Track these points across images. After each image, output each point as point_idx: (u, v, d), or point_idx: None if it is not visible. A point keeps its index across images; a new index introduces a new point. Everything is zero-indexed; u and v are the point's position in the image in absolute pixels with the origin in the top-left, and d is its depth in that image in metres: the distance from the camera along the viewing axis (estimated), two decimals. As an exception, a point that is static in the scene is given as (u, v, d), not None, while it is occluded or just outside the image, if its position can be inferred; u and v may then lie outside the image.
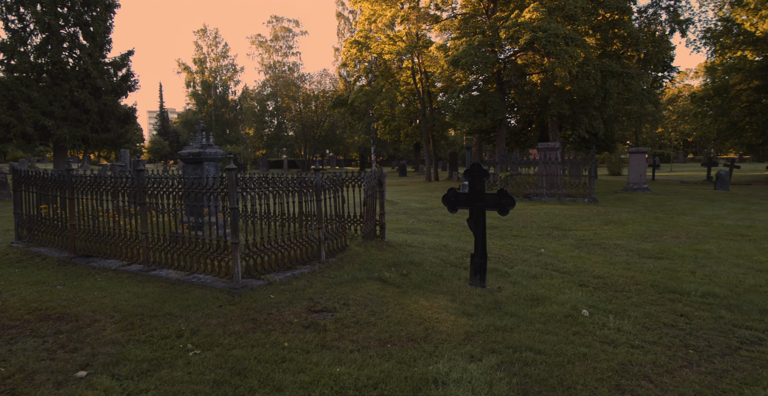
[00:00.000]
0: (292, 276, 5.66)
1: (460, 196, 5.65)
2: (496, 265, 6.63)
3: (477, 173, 5.49)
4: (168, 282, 5.46)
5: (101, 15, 26.02)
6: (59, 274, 6.00)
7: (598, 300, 5.22)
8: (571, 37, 16.64)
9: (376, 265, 6.29)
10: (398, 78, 28.64)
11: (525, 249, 8.19)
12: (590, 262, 7.19)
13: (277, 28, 57.75)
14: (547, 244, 8.65)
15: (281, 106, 56.55)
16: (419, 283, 5.59)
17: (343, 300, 4.91)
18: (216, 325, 4.15)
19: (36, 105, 23.05)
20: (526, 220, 11.59)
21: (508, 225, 10.85)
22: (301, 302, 4.77)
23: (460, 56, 17.46)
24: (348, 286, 5.39)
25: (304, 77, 57.50)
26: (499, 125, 21.92)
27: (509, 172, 16.05)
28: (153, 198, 5.75)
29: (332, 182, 6.87)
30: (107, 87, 24.83)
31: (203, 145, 7.52)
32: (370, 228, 7.57)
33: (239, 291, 4.96)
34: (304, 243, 6.17)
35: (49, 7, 24.20)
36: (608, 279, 6.17)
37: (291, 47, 58.74)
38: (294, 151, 59.05)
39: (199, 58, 60.05)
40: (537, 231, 10.15)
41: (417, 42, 24.58)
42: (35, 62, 23.94)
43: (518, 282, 5.86)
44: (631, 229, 10.26)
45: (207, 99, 61.13)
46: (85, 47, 24.95)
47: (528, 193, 15.84)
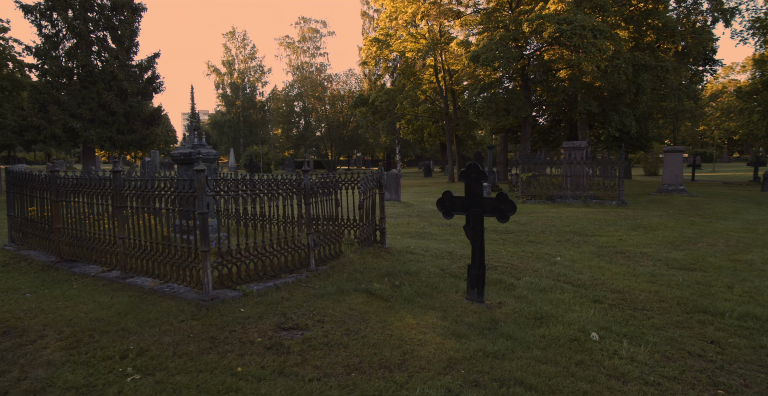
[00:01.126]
0: (273, 286, 5.23)
1: (456, 201, 5.08)
2: (502, 276, 6.02)
3: (474, 175, 4.91)
4: (141, 291, 5.12)
5: (128, 18, 26.51)
6: (37, 280, 5.77)
7: (613, 320, 4.55)
8: (599, 29, 15.65)
9: (367, 275, 5.78)
10: (421, 76, 28.00)
11: (539, 257, 7.51)
12: (610, 274, 6.46)
13: (304, 29, 58.05)
14: (565, 252, 7.93)
15: (308, 107, 56.77)
16: (410, 297, 5.05)
17: (320, 316, 4.43)
18: (169, 343, 3.75)
19: (65, 107, 23.65)
20: (546, 224, 10.83)
21: (525, 229, 10.14)
22: (272, 318, 4.32)
23: (480, 52, 16.72)
24: (329, 299, 4.90)
25: (331, 78, 57.66)
26: (523, 124, 21.00)
27: (531, 172, 15.22)
28: (130, 200, 5.43)
29: (324, 184, 6.41)
30: (133, 89, 25.26)
31: (195, 145, 7.20)
32: (368, 233, 7.07)
33: (208, 304, 4.55)
34: (290, 250, 5.73)
35: (79, 12, 24.83)
36: (628, 294, 5.46)
37: (318, 48, 58.97)
38: (320, 151, 59.11)
39: (228, 60, 61.00)
40: (556, 236, 9.41)
41: (439, 39, 23.90)
42: (65, 66, 24.56)
43: (523, 296, 5.24)
44: (662, 236, 9.38)
45: (235, 100, 62.04)
46: (112, 50, 25.48)
47: (552, 195, 14.98)
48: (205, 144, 7.32)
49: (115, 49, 25.56)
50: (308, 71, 58.27)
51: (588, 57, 15.87)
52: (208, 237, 4.60)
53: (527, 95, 20.96)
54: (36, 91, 23.50)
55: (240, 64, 62.20)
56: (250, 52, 62.66)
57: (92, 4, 25.03)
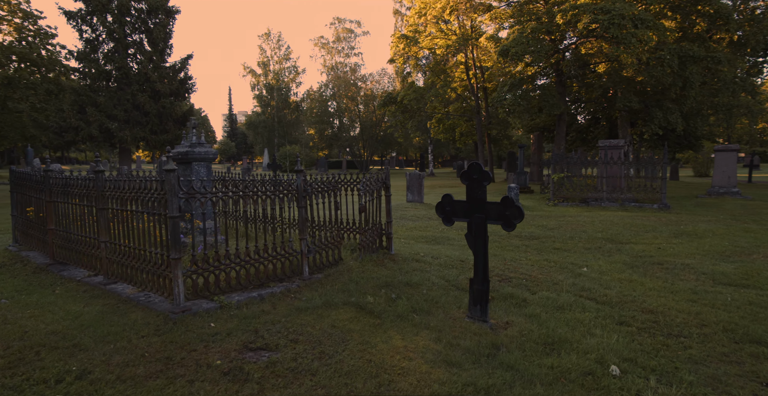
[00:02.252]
0: (257, 297, 4.79)
1: (456, 205, 4.47)
2: (515, 290, 5.35)
3: (476, 176, 4.29)
4: (118, 299, 4.79)
5: (163, 21, 27.10)
6: (24, 283, 5.57)
7: (640, 349, 3.84)
8: (641, 18, 14.47)
9: (363, 286, 5.26)
10: (451, 74, 27.19)
11: (563, 267, 6.75)
12: (642, 289, 5.67)
13: (339, 29, 58.14)
14: (593, 262, 7.12)
15: (341, 107, 56.84)
16: (404, 313, 4.49)
17: (296, 334, 3.94)
18: (117, 364, 3.34)
19: (102, 109, 24.40)
20: (576, 229, 9.97)
21: (551, 235, 9.33)
22: (241, 335, 3.86)
23: (510, 45, 15.83)
24: (313, 314, 4.41)
25: (365, 77, 57.54)
26: (558, 122, 19.87)
27: (564, 173, 14.24)
28: (111, 202, 5.13)
29: (321, 186, 5.92)
30: (165, 90, 25.79)
31: (192, 144, 6.88)
32: (371, 238, 6.54)
33: (177, 316, 4.15)
34: (280, 256, 5.27)
35: (116, 17, 25.56)
36: (662, 315, 4.69)
37: (353, 48, 58.94)
38: (354, 151, 59.03)
39: (263, 61, 61.89)
40: (585, 243, 8.57)
41: (470, 34, 23.06)
42: (103, 69, 25.34)
43: (535, 315, 4.57)
44: (709, 244, 8.37)
45: (270, 101, 62.92)
46: (147, 53, 26.11)
47: (586, 198, 13.96)
48: (204, 143, 6.99)
49: (150, 52, 26.19)
50: (342, 71, 58.31)
51: (627, 49, 14.71)
52: (179, 243, 4.20)
53: (562, 91, 19.81)
54: (75, 94, 24.37)
55: (275, 65, 63.00)
56: (285, 53, 63.41)
57: (129, 8, 25.72)
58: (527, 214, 12.14)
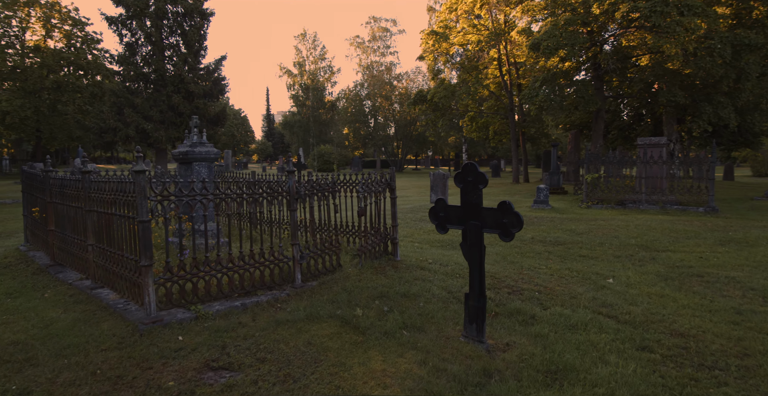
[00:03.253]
0: (239, 307, 4.49)
1: (450, 211, 4.00)
2: (525, 304, 4.80)
3: (471, 178, 3.80)
4: (98, 306, 4.61)
5: (198, 24, 27.63)
6: (18, 285, 5.51)
7: (661, 384, 3.25)
8: (688, 5, 13.31)
9: (356, 296, 4.86)
10: (483, 70, 26.31)
11: (585, 277, 6.11)
12: (674, 306, 4.98)
13: (374, 28, 58.01)
14: (621, 272, 6.43)
15: (376, 106, 56.68)
16: (392, 330, 4.05)
17: (266, 351, 3.58)
18: (62, 384, 3.09)
19: (139, 110, 25.14)
20: (608, 234, 9.18)
21: (579, 241, 8.61)
22: (206, 351, 3.54)
23: (541, 39, 14.97)
24: (292, 329, 4.04)
25: (401, 76, 57.18)
26: (595, 118, 18.74)
27: (598, 173, 13.31)
28: (96, 204, 4.95)
29: (317, 187, 5.57)
30: (199, 91, 26.27)
31: (193, 144, 6.69)
32: (374, 244, 6.13)
33: (146, 327, 3.89)
34: (268, 263, 4.95)
35: (154, 21, 26.26)
36: (694, 340, 4.04)
37: (388, 47, 58.69)
38: (388, 150, 58.71)
39: (299, 62, 62.62)
40: (616, 250, 7.83)
41: (503, 29, 22.18)
42: (140, 71, 26.10)
43: (542, 335, 4.03)
44: (762, 254, 7.45)
45: (305, 101, 63.59)
46: (182, 54, 26.69)
47: (623, 200, 12.98)
48: (206, 142, 6.79)
49: (185, 53, 26.76)
50: (378, 71, 58.15)
51: (671, 39, 13.58)
52: (150, 250, 3.94)
53: (599, 87, 18.65)
54: (114, 96, 25.23)
55: (310, 65, 63.63)
56: (320, 53, 63.94)
57: (165, 11, 26.36)
58: (555, 217, 11.38)
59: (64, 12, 33.65)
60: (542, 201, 12.68)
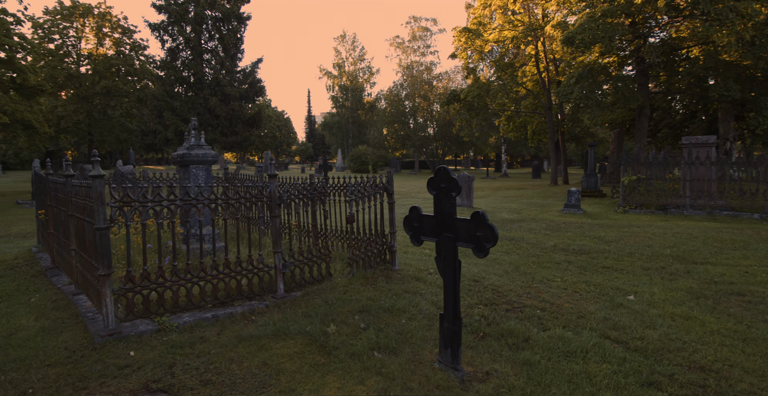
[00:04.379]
0: (211, 318, 4.26)
1: (425, 221, 3.57)
2: (521, 324, 4.29)
3: (444, 184, 3.36)
4: (70, 314, 4.52)
5: (235, 28, 28.25)
6: (12, 288, 5.56)
7: (659, 434, 2.70)
8: (743, -11, 12.04)
9: (335, 310, 4.51)
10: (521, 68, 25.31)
11: (602, 293, 5.48)
12: (701, 331, 4.31)
13: (415, 28, 57.61)
14: (645, 288, 5.73)
15: (415, 106, 56.20)
16: (362, 351, 3.68)
17: (215, 372, 3.30)
18: (-8, 401, 2.93)
19: (177, 113, 25.96)
20: (640, 242, 8.36)
21: (606, 250, 7.88)
22: (152, 370, 3.31)
23: (576, 32, 14.04)
24: (254, 346, 3.75)
25: (441, 76, 56.48)
26: (638, 116, 17.46)
27: (637, 175, 12.29)
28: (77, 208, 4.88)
29: (303, 192, 5.27)
30: (235, 93, 26.84)
31: (190, 146, 6.58)
32: (368, 252, 5.77)
33: (102, 340, 3.71)
34: (246, 272, 4.70)
35: (193, 27, 27.07)
36: (717, 376, 3.42)
37: (428, 46, 58.17)
38: (428, 151, 58.00)
39: (338, 63, 63.13)
40: (645, 262, 7.07)
41: (541, 23, 21.18)
42: (180, 75, 26.97)
43: (532, 363, 3.53)
44: (817, 269, 6.50)
45: (344, 102, 64.03)
46: (219, 58, 27.37)
47: (665, 204, 11.93)
48: (203, 144, 6.66)
49: (222, 57, 27.43)
50: (418, 70, 57.70)
51: (724, 27, 12.35)
52: (108, 258, 3.76)
53: (643, 82, 17.36)
54: (155, 99, 26.20)
55: (349, 66, 64.04)
56: (359, 54, 64.22)
57: (204, 16, 27.12)
58: (585, 223, 10.57)
59: (114, 21, 35.38)
60: (573, 205, 11.86)
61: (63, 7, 34.73)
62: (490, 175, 44.66)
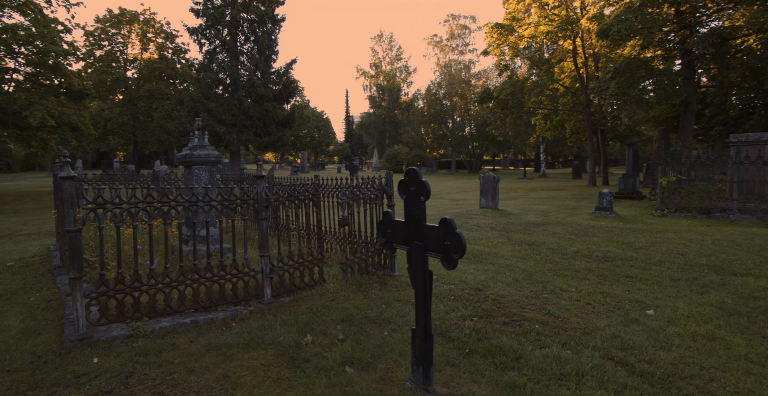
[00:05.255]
0: (189, 324, 4.14)
1: (397, 227, 3.27)
2: (515, 340, 3.91)
3: (414, 187, 3.06)
4: (56, 316, 4.53)
5: (269, 30, 28.63)
6: (18, 287, 5.69)
7: None
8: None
9: (319, 318, 4.29)
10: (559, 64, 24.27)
11: (618, 306, 4.98)
12: (724, 356, 3.79)
13: (453, 26, 56.89)
14: (669, 301, 5.16)
15: (453, 105, 55.41)
16: (332, 365, 3.43)
17: (169, 385, 3.15)
18: (-58, 406, 2.89)
19: (213, 114, 26.58)
20: (673, 250, 7.66)
21: (633, 257, 7.26)
22: (106, 380, 3.19)
23: (611, 24, 13.17)
24: (221, 356, 3.58)
25: (480, 74, 55.49)
26: (684, 113, 16.25)
27: (677, 176, 11.37)
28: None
29: (294, 194, 5.08)
30: (268, 95, 27.16)
31: (193, 147, 6.55)
32: (365, 256, 5.52)
33: (71, 345, 3.65)
34: (230, 276, 4.56)
35: (229, 30, 27.65)
36: (730, 412, 2.95)
37: (467, 44, 57.29)
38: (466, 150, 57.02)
39: (375, 63, 63.21)
40: (676, 271, 6.43)
41: (577, 16, 20.18)
42: (216, 77, 27.59)
43: (517, 386, 3.18)
44: None
45: (381, 101, 64.03)
46: (254, 59, 27.81)
47: (709, 208, 10.98)
48: (207, 145, 6.62)
49: (257, 58, 27.84)
50: (456, 69, 56.88)
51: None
52: (79, 261, 3.70)
53: (690, 76, 16.13)
54: (191, 101, 26.92)
55: (386, 66, 64.00)
56: (396, 53, 64.08)
57: (239, 19, 27.62)
58: (616, 227, 9.86)
59: (157, 26, 36.84)
60: (605, 208, 11.12)
61: (112, 14, 36.49)
62: (528, 175, 43.32)
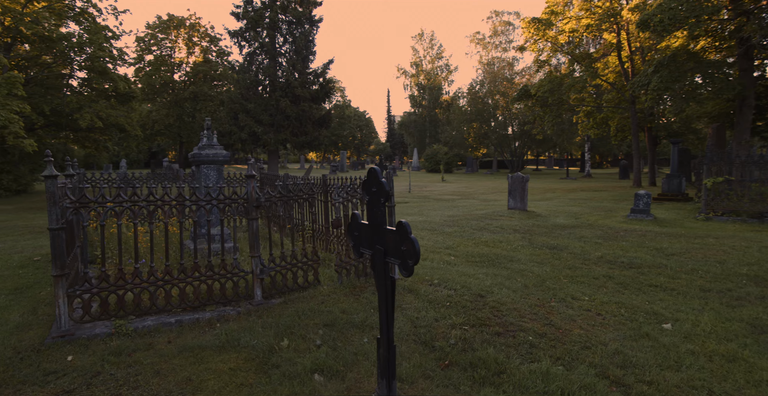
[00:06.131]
0: (174, 323, 4.14)
1: (363, 230, 3.09)
2: (502, 353, 3.63)
3: (375, 189, 2.87)
4: (47, 316, 4.63)
5: (307, 31, 29.03)
6: (35, 280, 5.92)
7: None
8: None
9: (302, 322, 4.18)
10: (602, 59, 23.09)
11: (631, 318, 4.55)
12: (741, 380, 3.35)
13: (496, 23, 55.74)
14: (693, 315, 4.67)
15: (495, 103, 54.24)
16: (301, 372, 3.29)
17: (130, 387, 3.11)
18: None
19: (251, 115, 27.25)
20: (711, 256, 7.00)
21: (662, 264, 6.69)
22: (71, 380, 3.20)
23: (651, 13, 12.27)
24: (192, 358, 3.52)
25: (523, 72, 54.05)
26: (739, 108, 14.96)
27: (725, 176, 10.44)
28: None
29: (286, 194, 4.99)
30: (305, 95, 27.53)
31: (201, 146, 6.61)
32: (361, 258, 5.35)
33: (52, 341, 3.72)
34: (218, 276, 4.52)
35: (268, 32, 28.25)
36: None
37: (511, 41, 55.93)
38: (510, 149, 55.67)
39: (415, 62, 62.85)
40: (708, 281, 5.85)
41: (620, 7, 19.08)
42: (255, 79, 28.26)
43: (489, 407, 2.92)
44: None
45: (421, 100, 63.60)
46: (291, 60, 28.27)
47: (762, 212, 10.02)
48: (216, 144, 6.67)
49: (294, 59, 28.29)
50: (499, 66, 55.65)
51: None
52: (62, 259, 3.75)
53: (746, 67, 14.81)
54: (231, 102, 27.72)
55: (427, 65, 63.51)
56: (437, 52, 63.46)
57: (277, 21, 28.17)
58: (650, 231, 9.16)
59: (202, 31, 38.23)
60: (641, 210, 10.38)
61: (161, 21, 38.21)
62: (572, 175, 41.69)
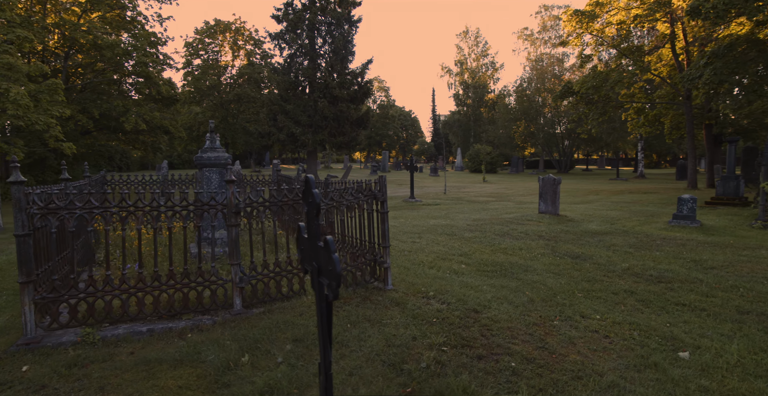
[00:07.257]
0: (145, 333, 4.05)
1: (305, 244, 2.81)
2: (477, 380, 3.24)
3: (311, 199, 2.58)
4: (45, 311, 4.67)
5: (346, 31, 29.08)
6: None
7: None
8: None
9: (272, 336, 3.96)
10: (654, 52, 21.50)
11: (643, 343, 3.99)
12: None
13: (545, 17, 53.91)
14: (720, 342, 4.03)
15: (543, 101, 52.38)
16: (248, 394, 3.06)
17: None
18: None
19: (290, 116, 27.60)
20: (759, 271, 6.16)
21: (698, 279, 5.95)
22: (15, 393, 3.13)
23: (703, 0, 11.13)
24: (144, 373, 3.38)
25: (573, 68, 51.86)
26: (809, 101, 13.36)
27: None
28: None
29: (271, 200, 4.79)
30: (343, 95, 27.54)
31: (203, 149, 6.57)
32: (350, 267, 5.08)
33: (15, 349, 3.70)
34: (195, 284, 4.39)
35: (308, 33, 28.54)
36: None
37: (561, 36, 53.70)
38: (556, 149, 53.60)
39: (460, 60, 61.71)
40: (748, 301, 5.11)
41: (675, -4, 17.62)
42: (294, 80, 28.61)
43: (441, 448, 2.56)
44: None
45: (466, 99, 62.42)
46: (330, 61, 28.40)
47: (829, 218, 8.82)
48: (218, 147, 6.61)
49: (332, 60, 28.39)
50: (548, 62, 53.70)
51: None
52: (29, 265, 3.73)
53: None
54: (270, 103, 28.21)
55: (472, 63, 62.23)
56: (483, 49, 62.04)
57: (315, 22, 28.37)
58: (692, 240, 8.26)
59: (246, 35, 39.28)
60: (685, 216, 9.42)
61: (209, 26, 39.63)
62: (623, 175, 39.45)
